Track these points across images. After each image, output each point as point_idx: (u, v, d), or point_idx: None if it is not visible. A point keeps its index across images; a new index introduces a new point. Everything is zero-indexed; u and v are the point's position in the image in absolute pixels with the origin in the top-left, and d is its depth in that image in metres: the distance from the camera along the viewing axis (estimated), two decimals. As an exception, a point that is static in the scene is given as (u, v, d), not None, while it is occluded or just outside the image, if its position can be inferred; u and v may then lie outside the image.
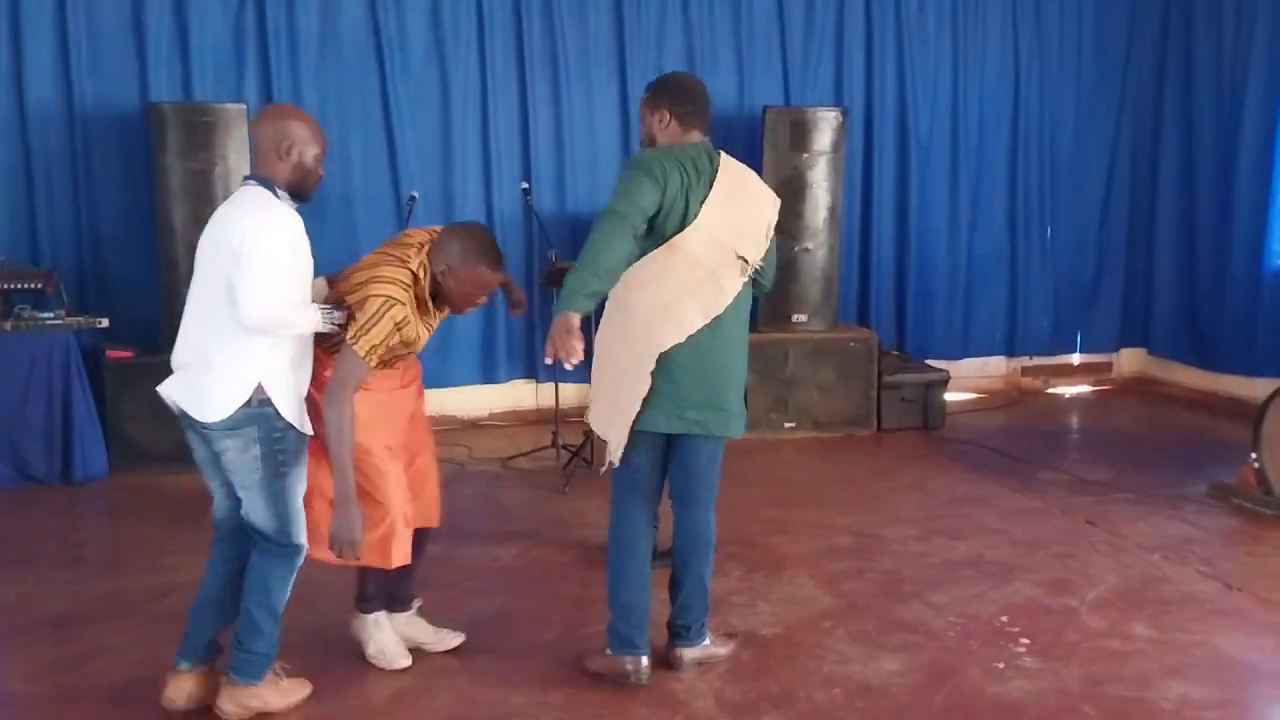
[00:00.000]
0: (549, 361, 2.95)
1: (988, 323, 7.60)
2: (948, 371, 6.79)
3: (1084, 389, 7.79)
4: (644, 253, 3.10)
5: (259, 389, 2.84)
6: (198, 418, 2.88)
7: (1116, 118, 7.68)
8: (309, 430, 2.98)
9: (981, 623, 3.75)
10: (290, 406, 2.91)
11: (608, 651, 3.30)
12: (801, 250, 6.39)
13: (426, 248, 3.15)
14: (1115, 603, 3.92)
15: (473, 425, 6.80)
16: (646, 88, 3.33)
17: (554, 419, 5.99)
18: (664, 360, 3.12)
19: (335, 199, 6.41)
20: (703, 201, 3.09)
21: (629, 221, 2.99)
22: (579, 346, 2.84)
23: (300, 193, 2.98)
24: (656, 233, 3.09)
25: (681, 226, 3.08)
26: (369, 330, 2.97)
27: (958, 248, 7.43)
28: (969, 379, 7.49)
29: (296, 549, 3.01)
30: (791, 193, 6.20)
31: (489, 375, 6.86)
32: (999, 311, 7.62)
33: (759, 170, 6.36)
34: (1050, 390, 7.74)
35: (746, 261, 3.17)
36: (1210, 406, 7.10)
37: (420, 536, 3.37)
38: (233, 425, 2.86)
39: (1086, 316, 7.80)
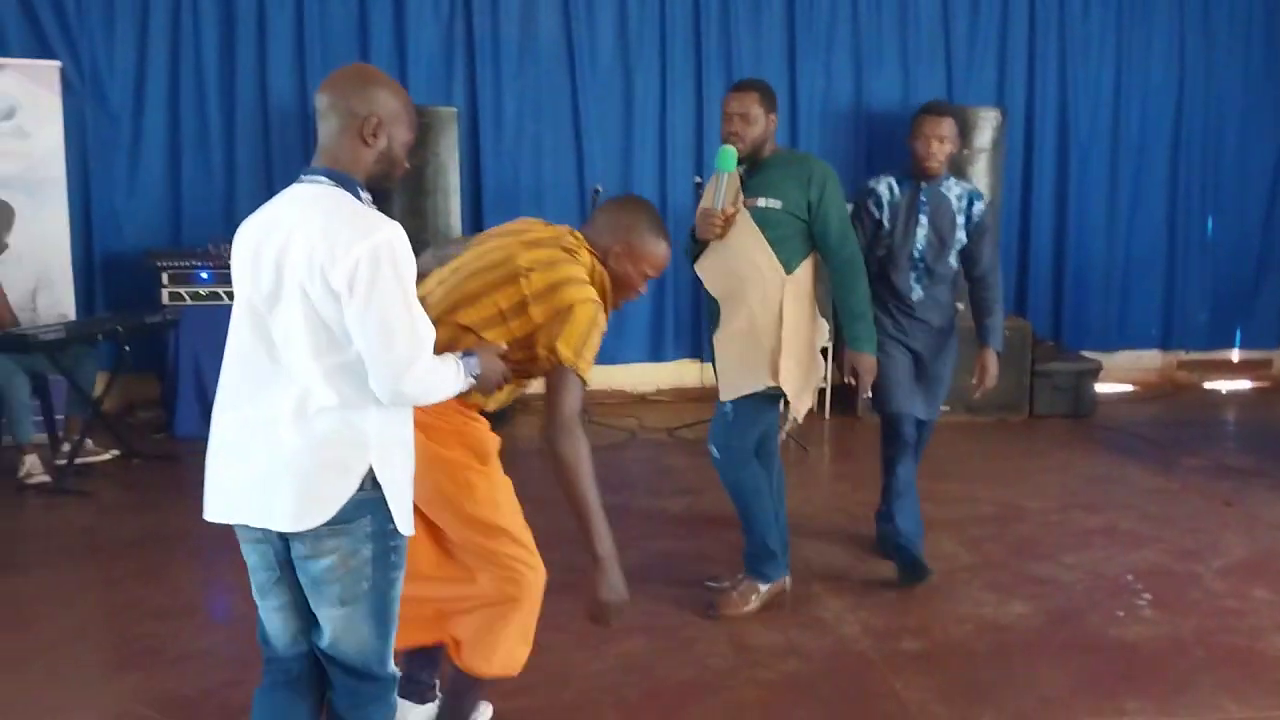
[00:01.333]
0: (863, 395, 3.86)
1: (1144, 316, 7.77)
2: (1100, 362, 7.03)
3: (1242, 385, 7.86)
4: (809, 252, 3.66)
5: (371, 468, 2.05)
6: (291, 528, 2.04)
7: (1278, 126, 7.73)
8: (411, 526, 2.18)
9: (1108, 579, 4.13)
10: (406, 489, 2.15)
11: (759, 585, 3.82)
12: (960, 243, 6.75)
13: (572, 235, 2.62)
14: (1239, 571, 4.22)
15: (641, 399, 7.42)
16: (752, 85, 3.65)
17: (716, 395, 6.55)
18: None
19: (527, 192, 7.15)
20: None
21: None
22: None
23: (380, 191, 2.18)
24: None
25: None
26: (586, 345, 2.44)
27: (1115, 243, 7.63)
28: (1123, 370, 7.68)
29: (394, 681, 2.24)
30: (951, 187, 6.60)
31: (657, 354, 7.47)
32: (1155, 305, 7.78)
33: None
34: (1207, 385, 7.83)
35: None
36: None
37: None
38: (342, 520, 2.04)
39: (1246, 313, 7.87)
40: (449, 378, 2.17)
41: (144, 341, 6.23)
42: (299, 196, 2.06)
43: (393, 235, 1.97)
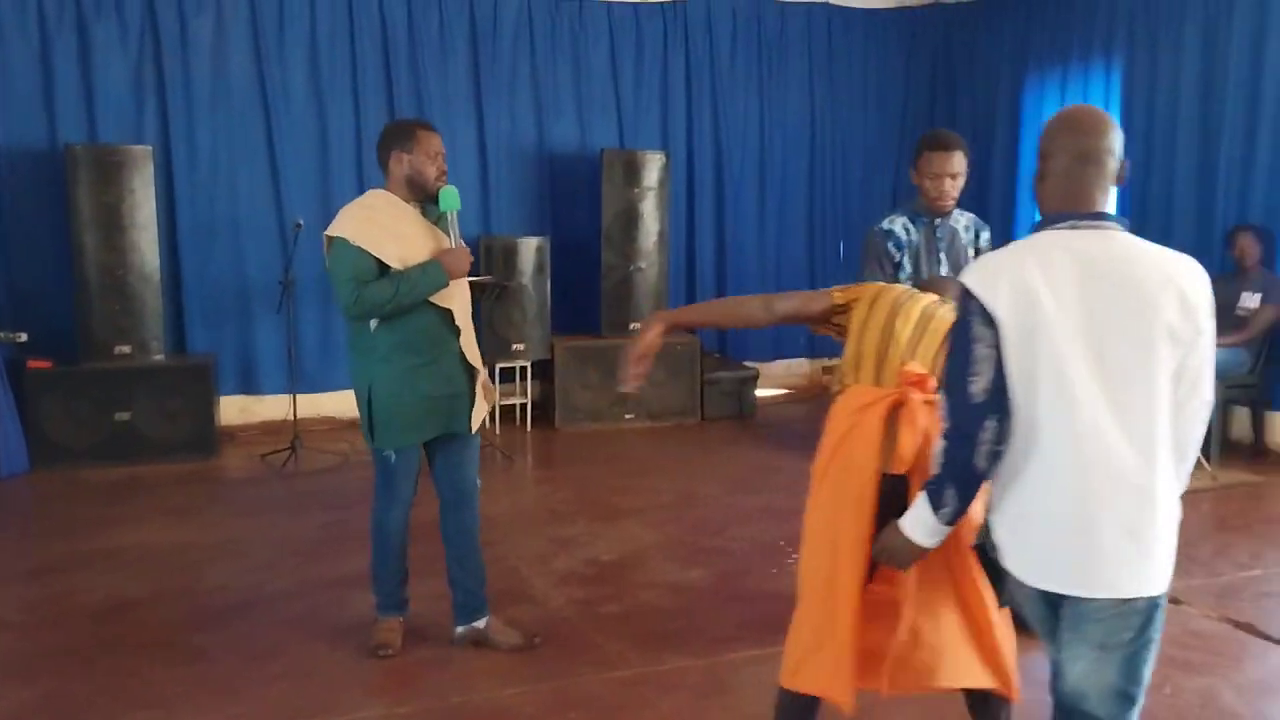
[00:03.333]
0: None
1: (793, 328, 8.93)
2: (758, 370, 8.11)
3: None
4: None
5: None
6: (1153, 591, 2.01)
7: (896, 159, 9.12)
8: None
9: (766, 546, 5.00)
10: None
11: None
12: (635, 269, 7.60)
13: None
14: (865, 530, 5.22)
15: (352, 425, 7.71)
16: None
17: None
18: None
19: (224, 227, 7.31)
20: None
21: None
22: None
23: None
24: None
25: None
26: None
27: (765, 265, 8.77)
28: (779, 377, 8.82)
29: None
30: (627, 222, 7.48)
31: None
32: (802, 319, 8.95)
33: (599, 205, 7.63)
34: (846, 386, 9.12)
35: None
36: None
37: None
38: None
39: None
40: None
41: None
42: (1129, 244, 2.04)
43: None
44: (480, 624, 3.87)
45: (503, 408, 7.63)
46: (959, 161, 3.65)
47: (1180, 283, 1.98)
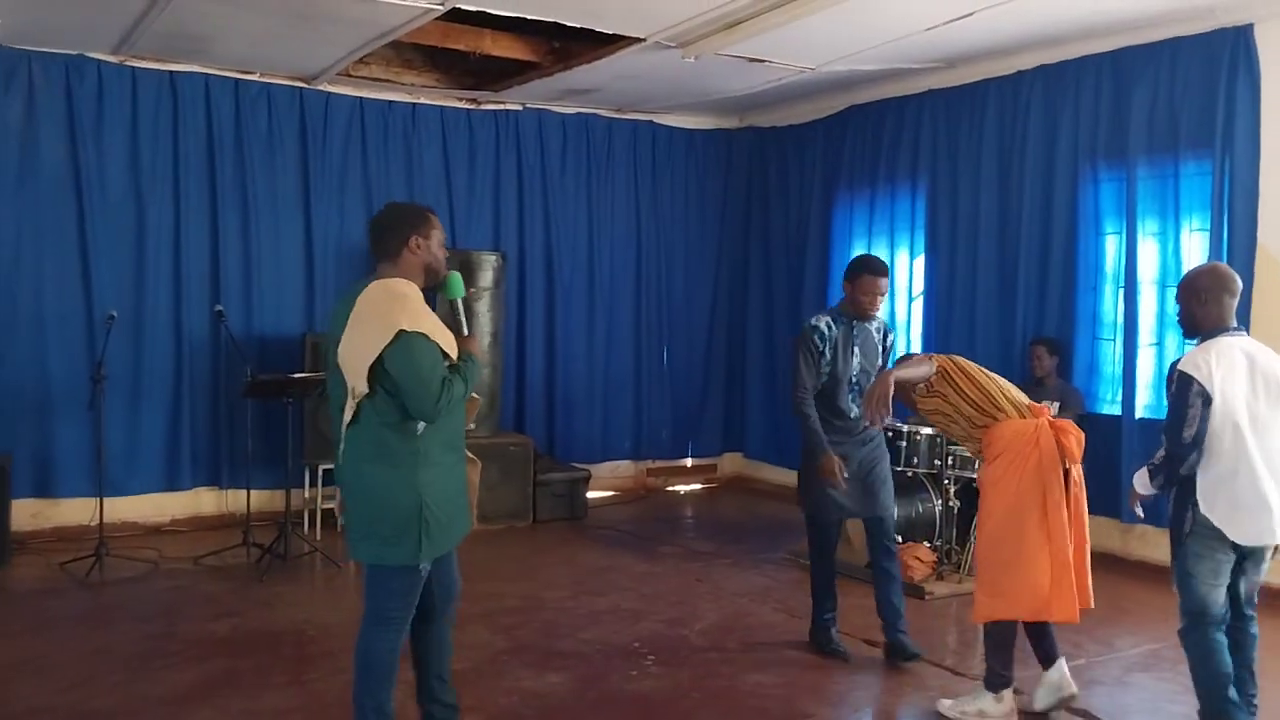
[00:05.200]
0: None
1: (619, 432, 9.04)
2: (589, 471, 8.14)
3: (695, 486, 9.40)
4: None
5: None
6: None
7: (715, 268, 9.48)
8: None
9: (619, 647, 4.96)
10: None
11: None
12: (467, 370, 7.52)
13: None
14: (715, 630, 5.28)
15: (157, 531, 7.23)
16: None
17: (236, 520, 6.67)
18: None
19: (27, 319, 6.81)
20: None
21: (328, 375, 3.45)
22: None
23: None
24: None
25: None
26: None
27: (594, 370, 8.86)
28: (606, 479, 8.86)
29: None
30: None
31: (173, 483, 7.34)
32: (627, 423, 9.07)
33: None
34: (670, 488, 9.27)
35: (354, 392, 3.27)
36: (788, 497, 8.83)
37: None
38: None
39: (696, 427, 9.45)
40: None
41: None
42: (1258, 343, 3.81)
43: None
44: None
45: (325, 511, 7.32)
46: (885, 283, 4.76)
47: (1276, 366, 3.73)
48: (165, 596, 5.80)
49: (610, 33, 6.42)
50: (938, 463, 6.23)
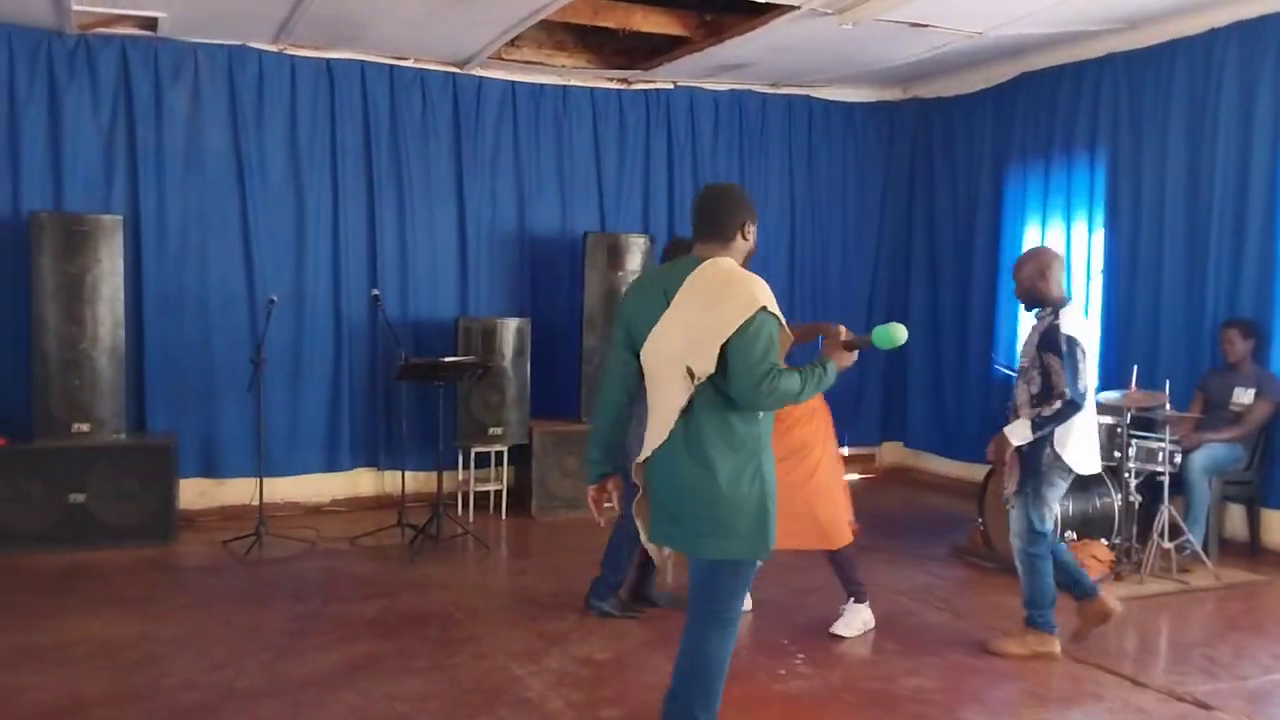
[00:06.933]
0: None
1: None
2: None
3: (853, 476, 9.03)
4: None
5: None
6: None
7: (875, 249, 9.11)
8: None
9: (767, 644, 4.73)
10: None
11: None
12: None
13: None
14: (870, 630, 4.98)
15: (316, 510, 7.38)
16: None
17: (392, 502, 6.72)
18: (644, 471, 3.19)
19: (192, 300, 7.02)
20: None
21: (611, 355, 3.27)
22: None
23: None
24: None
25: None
26: None
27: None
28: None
29: None
30: (609, 305, 7.25)
31: (333, 464, 7.48)
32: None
33: (580, 288, 7.47)
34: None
35: (692, 374, 3.01)
36: (953, 489, 8.44)
37: None
38: None
39: (853, 415, 9.09)
40: None
41: None
42: None
43: None
44: None
45: (477, 494, 7.34)
46: None
47: None
48: (319, 576, 5.86)
49: (763, 0, 6.15)
50: (1118, 454, 5.75)
